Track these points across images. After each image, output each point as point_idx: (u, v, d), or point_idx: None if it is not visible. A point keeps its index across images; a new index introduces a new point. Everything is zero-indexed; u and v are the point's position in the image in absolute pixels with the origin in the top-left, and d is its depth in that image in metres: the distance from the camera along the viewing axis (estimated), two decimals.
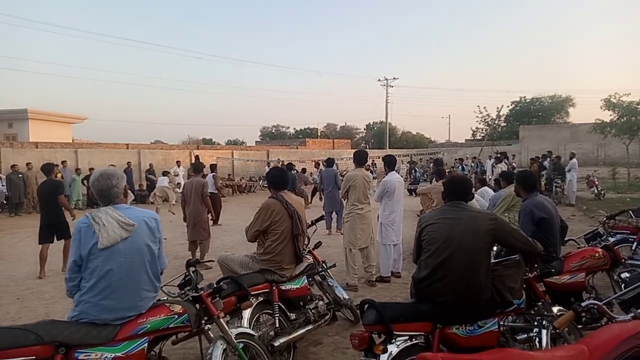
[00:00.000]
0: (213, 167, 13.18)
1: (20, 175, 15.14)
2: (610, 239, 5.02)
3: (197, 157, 20.94)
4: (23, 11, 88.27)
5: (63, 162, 16.80)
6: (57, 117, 29.08)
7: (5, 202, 15.49)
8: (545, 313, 3.13)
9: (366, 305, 2.72)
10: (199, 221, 7.35)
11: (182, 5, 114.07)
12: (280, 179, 4.23)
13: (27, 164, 15.83)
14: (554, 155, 17.04)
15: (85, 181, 16.24)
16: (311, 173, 27.54)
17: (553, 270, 3.64)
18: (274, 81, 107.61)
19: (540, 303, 3.35)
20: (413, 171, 21.64)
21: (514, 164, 20.28)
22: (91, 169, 15.79)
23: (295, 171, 18.18)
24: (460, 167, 21.59)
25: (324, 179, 10.36)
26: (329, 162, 10.33)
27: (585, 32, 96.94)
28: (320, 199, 11.46)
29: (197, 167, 7.97)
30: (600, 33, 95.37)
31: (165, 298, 2.91)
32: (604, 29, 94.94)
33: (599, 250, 4.01)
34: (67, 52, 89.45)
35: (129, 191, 13.57)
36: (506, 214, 5.71)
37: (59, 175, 15.73)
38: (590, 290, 4.04)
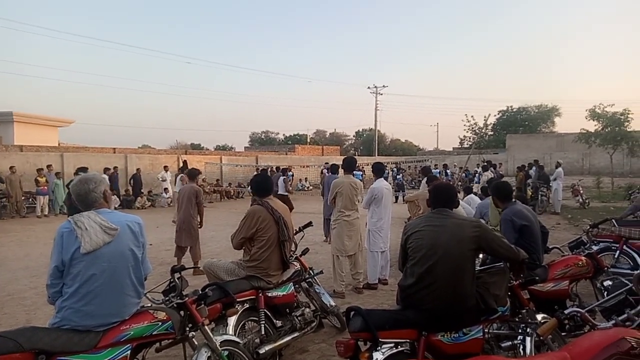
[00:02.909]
0: (284, 171, 13.93)
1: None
2: (593, 247, 5.09)
3: (185, 162, 20.80)
4: (9, 13, 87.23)
5: (48, 166, 16.58)
6: (43, 120, 28.64)
7: None
8: (530, 320, 3.16)
9: (352, 312, 2.72)
10: (188, 227, 7.33)
11: (172, 10, 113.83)
12: (264, 185, 4.22)
13: (11, 168, 15.57)
14: (537, 164, 17.28)
15: (68, 186, 16.00)
16: (306, 178, 27.65)
17: (537, 277, 3.68)
18: (264, 87, 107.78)
19: (524, 310, 3.38)
20: (395, 178, 21.64)
21: (500, 172, 20.52)
22: (76, 173, 15.58)
23: (290, 174, 18.14)
24: (444, 173, 21.77)
25: (326, 185, 10.23)
26: (333, 169, 10.23)
27: (570, 42, 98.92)
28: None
29: (192, 174, 7.91)
30: (586, 44, 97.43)
31: (149, 304, 2.87)
32: (589, 40, 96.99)
33: (583, 258, 4.06)
34: (55, 55, 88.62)
35: (114, 196, 13.40)
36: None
37: (43, 179, 15.56)
38: (573, 298, 4.09)
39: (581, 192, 15.56)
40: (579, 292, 4.31)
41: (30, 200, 16.30)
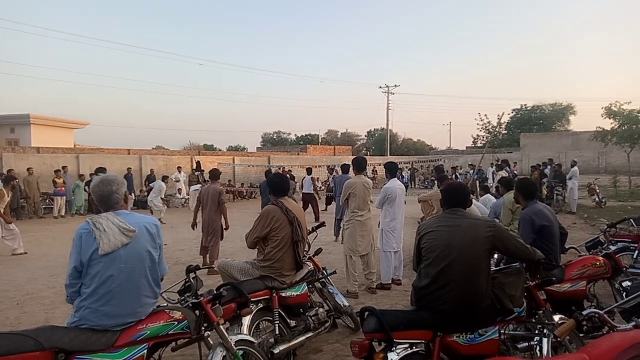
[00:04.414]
0: (309, 171, 14.21)
1: (16, 181, 15.10)
2: (611, 247, 5.01)
3: (198, 163, 21.01)
4: (26, 16, 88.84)
5: (64, 168, 16.83)
6: (59, 122, 29.18)
7: None
8: (546, 321, 3.11)
9: (366, 313, 2.72)
10: (214, 227, 7.45)
11: (184, 11, 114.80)
12: (280, 185, 4.23)
13: (28, 169, 15.85)
14: (555, 163, 17.04)
15: (87, 187, 16.25)
16: (317, 178, 27.59)
17: (554, 278, 3.63)
18: (276, 88, 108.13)
19: (541, 311, 3.33)
20: (400, 177, 21.53)
21: (515, 172, 20.29)
22: (92, 175, 15.81)
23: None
24: (453, 175, 21.62)
25: (338, 185, 10.24)
26: (345, 169, 10.21)
27: (586, 40, 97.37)
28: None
29: (214, 174, 8.02)
30: (601, 41, 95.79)
31: (165, 304, 2.90)
32: (605, 37, 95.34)
33: (600, 258, 4.00)
34: (70, 58, 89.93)
35: (129, 196, 13.66)
36: (511, 224, 5.67)
37: (60, 180, 15.81)
38: (591, 299, 4.03)
39: (597, 191, 15.32)
40: (597, 292, 4.25)
41: (47, 201, 16.57)
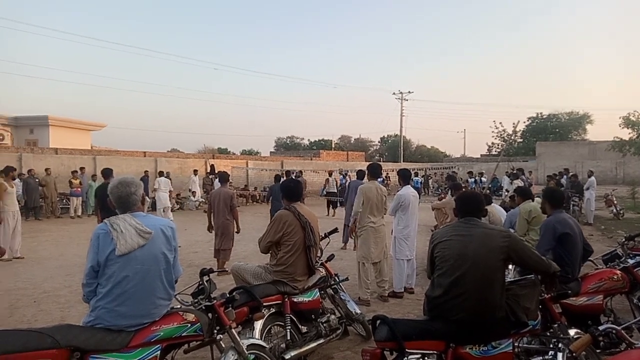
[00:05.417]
0: (331, 173, 14.79)
1: (36, 180, 15.41)
2: (629, 260, 4.88)
3: (212, 166, 21.18)
4: (48, 20, 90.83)
5: (82, 169, 17.11)
6: (76, 124, 29.69)
7: (23, 206, 15.78)
8: (562, 335, 3.06)
9: (378, 321, 2.70)
10: (226, 231, 7.49)
11: (200, 16, 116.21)
12: (294, 190, 4.25)
13: (46, 170, 16.15)
14: (571, 173, 16.80)
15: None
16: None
17: (570, 291, 3.56)
18: (290, 93, 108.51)
19: (556, 325, 3.28)
20: (414, 182, 21.37)
21: (530, 181, 20.05)
22: (103, 174, 16.00)
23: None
24: (474, 180, 21.48)
25: (352, 191, 10.16)
26: (360, 175, 10.17)
27: (604, 48, 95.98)
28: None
29: (223, 177, 8.03)
30: (620, 50, 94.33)
31: (179, 306, 2.93)
32: (624, 45, 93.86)
33: (618, 272, 3.92)
34: (88, 61, 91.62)
35: (145, 197, 13.78)
36: (527, 234, 5.60)
37: (77, 181, 16.08)
38: (608, 314, 3.94)
39: (615, 202, 15.05)
40: (614, 307, 4.16)
41: (64, 201, 16.85)
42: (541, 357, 2.98)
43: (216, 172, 19.57)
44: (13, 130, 27.26)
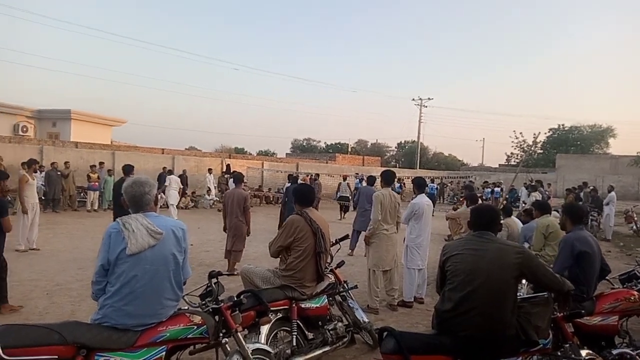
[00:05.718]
0: (345, 178, 14.98)
1: (59, 173, 15.72)
2: None
3: (228, 166, 21.34)
4: (74, 16, 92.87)
5: (101, 164, 17.38)
6: (98, 119, 30.21)
7: (43, 197, 16.10)
8: (573, 356, 2.99)
9: (385, 333, 2.67)
10: (239, 232, 7.48)
11: (221, 17, 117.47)
12: (307, 195, 4.24)
13: (65, 163, 16.44)
14: (591, 187, 16.46)
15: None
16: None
17: (583, 310, 3.48)
18: (308, 95, 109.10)
19: (567, 345, 3.20)
20: (430, 188, 21.13)
21: (548, 193, 19.70)
22: (124, 170, 16.23)
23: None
24: (490, 190, 21.19)
25: (362, 196, 10.14)
26: (370, 180, 10.16)
27: (629, 61, 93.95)
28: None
29: (238, 178, 8.02)
30: None
31: (186, 307, 2.94)
32: None
33: (635, 293, 3.80)
34: (111, 58, 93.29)
35: (159, 196, 14.04)
36: (543, 249, 5.50)
37: (95, 175, 16.35)
38: (623, 335, 3.83)
39: (635, 219, 14.69)
40: (629, 329, 4.04)
41: (82, 194, 17.14)
42: None
43: (232, 171, 19.75)
44: (36, 123, 27.91)
